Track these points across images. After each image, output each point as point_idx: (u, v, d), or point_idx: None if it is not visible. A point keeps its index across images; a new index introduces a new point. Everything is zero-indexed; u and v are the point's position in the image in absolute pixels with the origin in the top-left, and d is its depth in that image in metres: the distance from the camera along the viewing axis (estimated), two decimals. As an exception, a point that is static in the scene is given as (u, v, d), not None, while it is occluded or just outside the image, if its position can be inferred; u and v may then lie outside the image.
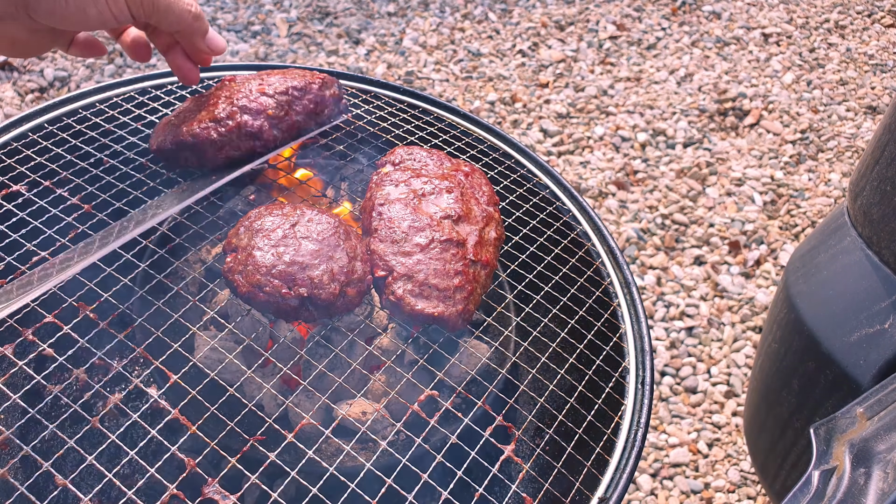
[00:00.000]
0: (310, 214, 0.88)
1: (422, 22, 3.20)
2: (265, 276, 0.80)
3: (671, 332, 2.11)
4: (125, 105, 1.13)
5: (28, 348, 0.89)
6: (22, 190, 0.95)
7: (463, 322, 0.85)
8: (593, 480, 0.81)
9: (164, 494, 0.66)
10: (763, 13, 3.49)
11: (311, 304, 0.81)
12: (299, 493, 0.81)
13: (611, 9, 3.42)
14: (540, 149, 2.66)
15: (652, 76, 3.05)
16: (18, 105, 2.49)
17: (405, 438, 0.95)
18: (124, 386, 1.14)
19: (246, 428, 0.89)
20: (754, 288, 2.24)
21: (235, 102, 0.96)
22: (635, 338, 0.96)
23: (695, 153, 2.69)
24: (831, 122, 2.88)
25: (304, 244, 0.84)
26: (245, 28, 3.04)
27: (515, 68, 3.02)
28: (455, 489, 0.72)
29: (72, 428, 1.06)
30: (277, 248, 0.83)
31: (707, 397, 1.96)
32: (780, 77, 3.09)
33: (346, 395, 0.99)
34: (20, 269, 0.83)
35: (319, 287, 0.81)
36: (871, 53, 3.27)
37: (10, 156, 1.01)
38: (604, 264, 1.05)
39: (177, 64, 0.94)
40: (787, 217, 2.49)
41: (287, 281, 0.80)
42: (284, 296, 0.80)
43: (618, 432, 0.85)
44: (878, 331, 1.08)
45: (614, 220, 2.42)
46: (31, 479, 0.72)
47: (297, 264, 0.82)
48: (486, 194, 0.99)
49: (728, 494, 1.77)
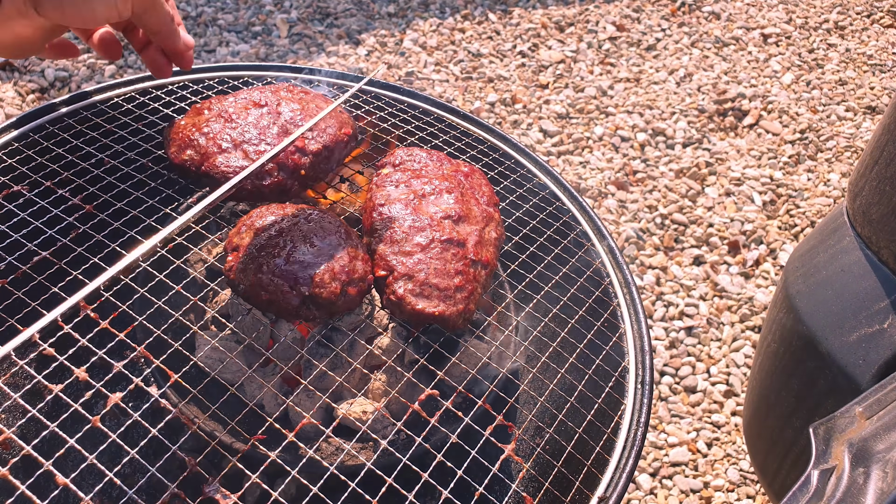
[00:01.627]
0: (310, 214, 0.88)
1: (422, 23, 3.21)
2: (266, 275, 0.81)
3: (671, 332, 2.11)
4: (126, 105, 1.13)
5: (29, 348, 0.89)
6: (23, 190, 0.95)
7: (464, 322, 0.85)
8: (593, 479, 0.81)
9: (164, 493, 0.66)
10: (762, 13, 3.50)
11: (312, 304, 0.81)
12: (300, 493, 0.81)
13: (610, 9, 3.42)
14: (540, 149, 2.66)
15: (651, 76, 3.05)
16: (19, 105, 2.49)
17: (405, 438, 0.95)
18: (125, 385, 1.14)
19: (247, 427, 0.89)
20: (753, 288, 2.24)
21: (276, 156, 0.96)
22: (635, 337, 0.96)
23: (694, 153, 2.69)
24: (830, 123, 2.88)
25: (305, 243, 0.84)
26: (246, 29, 3.04)
27: (515, 69, 3.02)
28: (455, 488, 0.72)
29: (72, 427, 1.06)
30: (278, 247, 0.83)
31: (706, 397, 1.97)
32: (779, 77, 3.10)
33: (347, 395, 0.99)
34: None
35: (321, 286, 0.81)
36: (871, 54, 3.27)
37: (10, 156, 1.01)
38: (604, 264, 1.05)
39: (152, 58, 0.96)
40: (786, 217, 2.49)
41: (288, 280, 0.80)
42: (286, 295, 0.80)
43: (617, 432, 0.85)
44: (878, 330, 1.08)
45: (614, 219, 2.43)
46: (32, 478, 0.72)
47: (299, 263, 0.82)
48: (485, 194, 0.99)
49: (727, 494, 1.78)
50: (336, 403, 0.96)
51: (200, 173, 0.95)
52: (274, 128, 0.99)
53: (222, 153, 0.95)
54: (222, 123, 0.99)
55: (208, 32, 3.00)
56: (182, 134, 0.98)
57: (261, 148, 0.97)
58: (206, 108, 1.02)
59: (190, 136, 0.97)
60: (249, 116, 1.00)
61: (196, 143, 0.96)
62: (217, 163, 0.94)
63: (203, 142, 0.96)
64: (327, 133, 1.02)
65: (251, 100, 1.03)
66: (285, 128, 1.00)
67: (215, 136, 0.97)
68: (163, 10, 0.88)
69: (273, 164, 0.95)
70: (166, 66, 0.97)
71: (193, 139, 0.96)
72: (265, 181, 0.94)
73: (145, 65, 0.98)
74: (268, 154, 0.94)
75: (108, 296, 0.81)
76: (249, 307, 1.01)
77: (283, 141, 0.97)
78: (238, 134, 0.97)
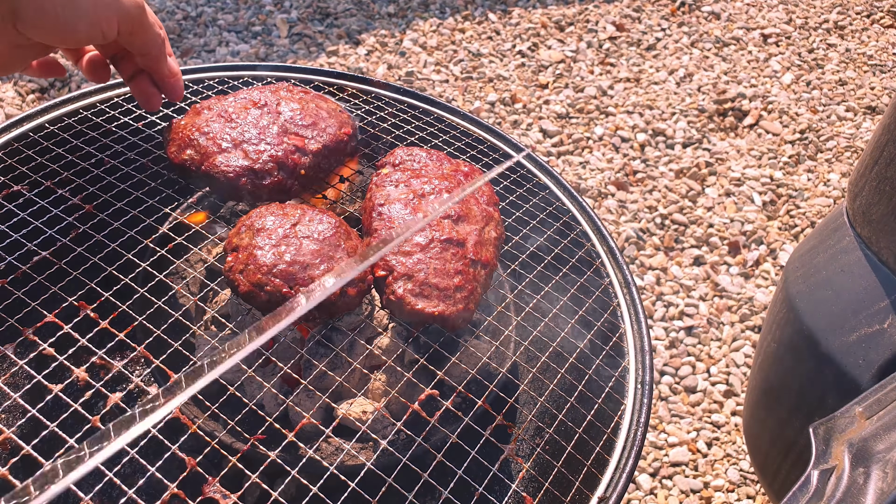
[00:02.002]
0: (310, 214, 0.88)
1: (422, 23, 3.21)
2: (266, 276, 0.81)
3: (670, 332, 2.11)
4: (126, 105, 1.13)
5: (28, 347, 0.89)
6: (23, 190, 0.95)
7: (463, 321, 0.85)
8: (593, 480, 0.81)
9: (164, 494, 0.66)
10: (762, 13, 3.50)
11: None
12: (300, 493, 0.81)
13: (610, 9, 3.42)
14: (540, 149, 2.66)
15: (651, 76, 3.05)
16: (19, 105, 2.49)
17: (405, 438, 0.95)
18: (125, 385, 1.14)
19: (247, 427, 0.89)
20: (753, 288, 2.24)
21: (274, 153, 0.96)
22: (635, 337, 0.96)
23: (694, 153, 2.70)
24: (830, 123, 2.88)
25: (304, 244, 0.84)
26: (246, 29, 3.04)
27: (515, 69, 3.03)
28: (455, 488, 0.72)
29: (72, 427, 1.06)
30: (278, 247, 0.83)
31: (706, 397, 1.97)
32: (779, 77, 3.10)
33: (347, 395, 0.99)
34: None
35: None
36: (871, 54, 3.27)
37: (10, 156, 1.01)
38: (603, 264, 1.05)
39: (141, 88, 0.94)
40: (786, 217, 2.49)
41: (288, 280, 0.81)
42: (285, 295, 0.80)
43: (617, 432, 0.85)
44: (878, 330, 1.08)
45: (614, 220, 2.43)
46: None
47: (298, 264, 0.82)
48: (485, 194, 0.99)
49: (727, 494, 1.78)
50: (336, 403, 0.96)
51: (201, 173, 0.95)
52: (274, 127, 0.99)
53: (222, 153, 0.96)
54: (222, 123, 0.99)
55: (208, 32, 3.00)
56: (182, 134, 0.98)
57: (260, 147, 0.97)
58: (205, 108, 1.02)
59: (190, 135, 0.97)
60: (249, 116, 1.00)
61: (196, 142, 0.96)
62: (217, 162, 0.94)
63: (203, 141, 0.96)
64: (327, 133, 1.02)
65: (251, 99, 1.03)
66: (285, 127, 1.00)
67: (215, 135, 0.97)
68: (151, 30, 0.85)
69: (273, 164, 0.95)
70: (155, 96, 0.94)
71: (193, 139, 0.96)
72: (265, 181, 0.94)
73: (134, 96, 0.95)
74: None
75: (107, 296, 0.82)
76: (249, 307, 1.01)
77: (359, 265, 0.87)
78: (238, 133, 0.97)
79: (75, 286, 0.82)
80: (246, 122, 0.99)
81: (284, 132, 0.99)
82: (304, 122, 1.01)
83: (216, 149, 0.96)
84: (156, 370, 0.94)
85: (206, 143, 0.96)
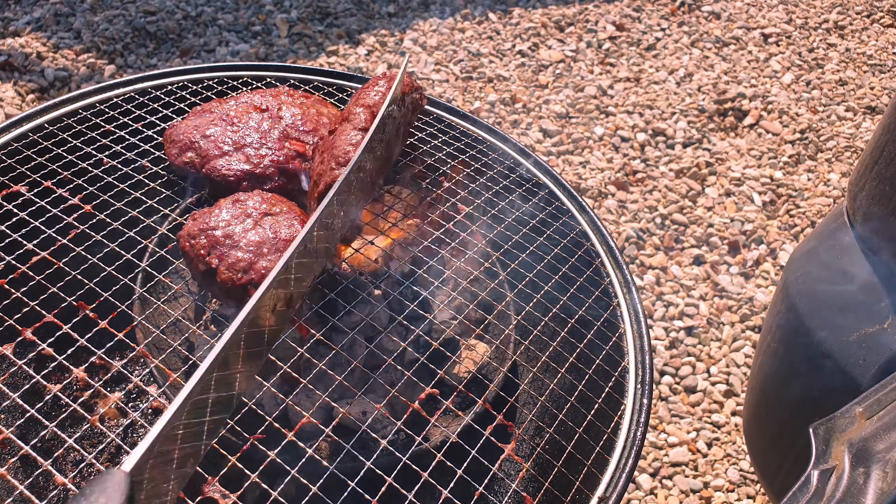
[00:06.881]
0: (269, 207, 0.91)
1: (422, 22, 3.21)
2: (200, 241, 0.84)
3: (670, 332, 2.11)
4: (125, 105, 1.13)
5: (28, 347, 0.89)
6: (22, 190, 0.95)
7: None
8: (593, 479, 0.81)
9: (164, 493, 0.66)
10: (762, 13, 3.49)
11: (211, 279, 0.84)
12: (299, 492, 0.81)
13: (610, 9, 3.42)
14: (539, 149, 2.66)
15: (651, 76, 3.05)
16: (19, 105, 2.49)
17: (405, 437, 0.95)
18: (124, 385, 1.14)
19: (246, 427, 0.89)
20: (753, 288, 2.24)
21: (275, 158, 0.96)
22: (635, 337, 0.96)
23: (694, 153, 2.69)
24: (830, 123, 2.88)
25: (245, 229, 0.88)
26: (245, 28, 3.04)
27: (515, 69, 3.02)
28: (455, 488, 0.72)
29: (71, 427, 1.06)
30: (225, 225, 0.87)
31: (706, 397, 1.96)
32: (779, 77, 3.10)
33: (347, 394, 0.99)
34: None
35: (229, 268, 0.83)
36: (871, 54, 3.27)
37: (10, 156, 1.01)
38: (603, 264, 1.05)
39: None
40: (786, 217, 2.49)
41: (213, 252, 0.81)
42: (201, 258, 0.82)
43: (617, 432, 0.85)
44: (878, 330, 1.08)
45: (614, 220, 2.43)
46: (31, 478, 0.72)
47: (231, 243, 0.82)
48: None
49: (727, 494, 1.78)
50: (336, 403, 0.96)
51: (201, 176, 0.95)
52: (275, 132, 0.99)
53: (223, 156, 0.95)
54: (223, 126, 0.99)
55: (208, 32, 3.00)
56: (183, 136, 0.98)
57: (262, 152, 0.97)
58: (207, 111, 1.02)
59: (191, 138, 0.97)
60: (251, 120, 1.00)
61: (197, 145, 0.96)
62: (218, 165, 0.94)
63: (204, 144, 0.96)
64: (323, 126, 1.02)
65: (252, 103, 1.03)
66: (286, 132, 1.00)
67: (216, 138, 0.97)
68: None
69: (274, 169, 0.96)
70: None
71: (194, 141, 0.97)
72: (266, 186, 0.94)
73: None
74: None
75: (107, 295, 0.81)
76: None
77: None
78: (239, 137, 0.97)
79: (74, 286, 0.82)
80: (247, 126, 0.99)
81: (286, 137, 0.99)
82: (306, 127, 1.01)
83: (217, 152, 0.96)
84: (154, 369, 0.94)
85: (206, 146, 0.96)
